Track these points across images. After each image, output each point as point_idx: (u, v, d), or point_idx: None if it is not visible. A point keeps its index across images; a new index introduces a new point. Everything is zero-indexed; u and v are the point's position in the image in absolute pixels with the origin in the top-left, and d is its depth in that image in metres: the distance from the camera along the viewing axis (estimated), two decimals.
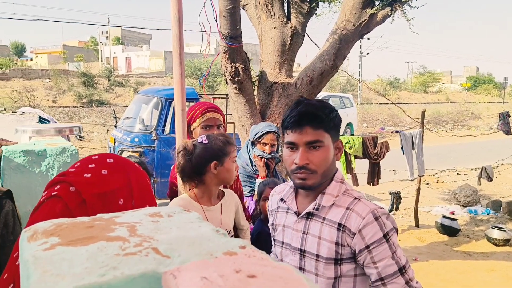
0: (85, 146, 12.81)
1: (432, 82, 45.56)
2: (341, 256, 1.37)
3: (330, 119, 1.39)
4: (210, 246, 0.62)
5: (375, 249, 1.32)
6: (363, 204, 1.38)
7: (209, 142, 1.96)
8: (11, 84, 23.65)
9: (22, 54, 52.96)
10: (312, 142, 1.37)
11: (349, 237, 1.35)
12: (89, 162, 0.99)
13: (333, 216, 1.40)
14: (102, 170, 0.97)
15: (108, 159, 1.02)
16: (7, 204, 1.60)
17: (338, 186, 1.44)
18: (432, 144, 13.10)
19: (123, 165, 1.02)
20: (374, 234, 1.32)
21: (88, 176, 0.95)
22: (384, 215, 1.36)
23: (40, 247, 0.61)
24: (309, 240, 1.43)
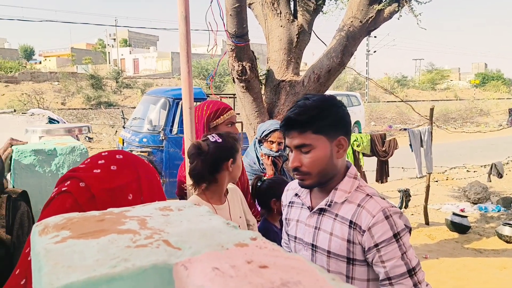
0: (94, 147, 12.89)
1: (440, 79, 45.20)
2: (353, 255, 1.36)
3: (320, 120, 1.35)
4: (221, 238, 0.62)
5: (384, 249, 1.30)
6: (374, 201, 1.36)
7: (223, 140, 1.96)
8: (21, 87, 23.87)
9: (31, 57, 53.45)
10: (299, 146, 1.38)
11: (360, 234, 1.34)
12: (99, 159, 1.00)
13: (345, 213, 1.38)
14: (112, 166, 0.98)
15: (117, 155, 1.03)
16: (22, 205, 1.62)
17: (351, 182, 1.43)
18: (441, 141, 13.01)
19: (132, 161, 1.03)
20: (383, 233, 1.30)
21: (98, 172, 0.95)
22: (396, 214, 1.33)
23: (51, 240, 0.61)
24: (321, 235, 1.43)
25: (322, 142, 1.36)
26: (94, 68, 28.45)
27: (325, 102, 1.39)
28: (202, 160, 1.91)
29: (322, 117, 1.35)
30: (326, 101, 1.40)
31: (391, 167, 6.77)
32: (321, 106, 1.37)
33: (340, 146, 1.40)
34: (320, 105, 1.37)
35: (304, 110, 1.36)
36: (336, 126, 1.39)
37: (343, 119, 1.41)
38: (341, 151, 1.41)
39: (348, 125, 1.44)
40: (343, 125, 1.41)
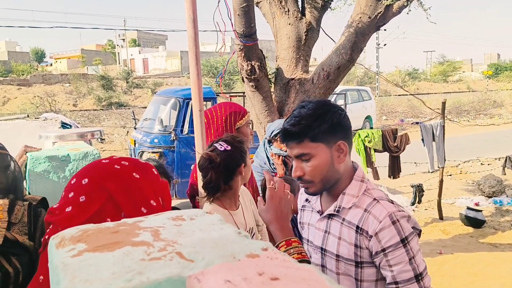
0: (106, 148, 13.02)
1: (452, 71, 44.65)
2: (361, 259, 1.36)
3: (316, 128, 1.35)
4: (233, 248, 0.63)
5: (391, 253, 1.29)
6: (381, 206, 1.35)
7: (232, 147, 1.94)
8: (33, 90, 24.20)
9: (42, 59, 54.08)
10: (299, 155, 1.38)
11: (367, 239, 1.33)
12: (70, 191, 0.97)
13: (352, 217, 1.38)
14: (80, 197, 0.94)
15: (83, 180, 0.97)
16: (42, 212, 1.65)
17: (359, 186, 1.42)
18: (454, 135, 12.87)
19: (99, 180, 0.97)
20: (390, 238, 1.29)
21: (69, 211, 0.93)
22: (404, 218, 1.32)
23: (68, 253, 0.62)
24: (330, 239, 1.44)
25: (321, 150, 1.36)
26: (104, 69, 28.74)
27: (320, 109, 1.37)
28: (216, 172, 1.89)
29: (317, 124, 1.35)
30: (320, 108, 1.38)
31: (403, 162, 6.72)
32: (316, 114, 1.36)
33: (340, 150, 1.39)
34: (315, 113, 1.36)
35: (298, 120, 1.36)
36: (334, 132, 1.37)
37: (340, 124, 1.39)
38: (341, 155, 1.40)
39: (347, 128, 1.42)
40: (341, 130, 1.39)
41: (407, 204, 6.99)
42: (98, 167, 1.01)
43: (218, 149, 1.93)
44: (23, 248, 1.56)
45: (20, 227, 1.58)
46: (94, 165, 1.03)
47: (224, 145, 1.94)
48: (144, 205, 0.98)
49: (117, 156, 1.06)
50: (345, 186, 1.43)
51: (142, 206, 0.97)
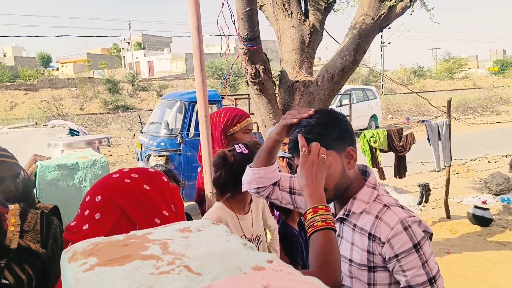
0: (113, 152, 13.10)
1: (457, 68, 44.39)
2: (373, 264, 1.38)
3: (327, 135, 1.36)
4: (239, 260, 0.65)
5: (404, 259, 1.30)
6: (392, 212, 1.36)
7: (249, 151, 1.95)
8: (40, 95, 24.40)
9: (48, 64, 54.47)
10: None
11: (379, 246, 1.35)
12: (85, 208, 1.00)
13: (363, 223, 1.40)
14: (96, 214, 0.97)
15: (96, 198, 1.00)
16: (54, 220, 1.69)
17: (370, 192, 1.43)
18: (460, 132, 12.81)
19: (111, 196, 1.00)
20: (403, 244, 1.30)
21: (86, 228, 0.96)
22: (415, 223, 1.33)
23: (80, 268, 0.65)
24: (343, 244, 1.45)
25: (333, 157, 1.36)
26: (110, 72, 28.94)
27: (328, 118, 1.39)
28: (227, 171, 1.91)
29: (328, 132, 1.36)
30: (328, 116, 1.40)
31: (409, 161, 6.71)
32: (326, 122, 1.38)
33: (350, 156, 1.41)
34: (324, 121, 1.38)
35: (309, 129, 1.37)
36: (343, 139, 1.39)
37: (348, 130, 1.42)
38: (351, 161, 1.41)
39: (353, 135, 1.45)
40: (348, 136, 1.41)
41: (414, 204, 6.97)
42: (109, 183, 1.03)
43: (235, 150, 1.96)
44: (36, 256, 1.59)
45: (33, 235, 1.62)
46: (105, 180, 1.05)
47: (242, 147, 1.96)
48: (157, 215, 1.00)
49: (127, 168, 1.08)
50: (355, 190, 1.44)
51: (156, 217, 0.99)
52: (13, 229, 1.09)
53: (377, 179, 1.50)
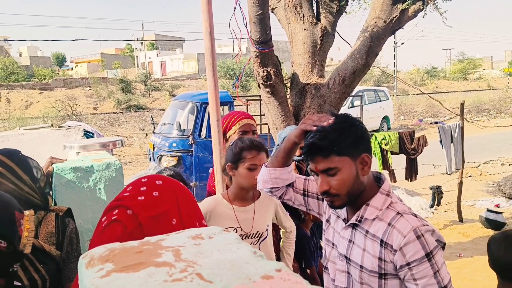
0: (126, 152, 13.23)
1: (472, 69, 43.85)
2: (384, 271, 1.38)
3: (342, 141, 1.37)
4: (248, 269, 0.68)
5: (416, 267, 1.30)
6: (405, 220, 1.36)
7: (233, 144, 2.04)
8: (54, 94, 24.72)
9: (63, 64, 55.13)
10: (325, 170, 1.39)
11: (391, 253, 1.35)
12: (140, 185, 1.04)
13: (376, 230, 1.40)
14: (154, 192, 1.02)
15: (157, 181, 1.06)
16: (70, 223, 1.73)
17: (383, 199, 1.43)
18: (473, 134, 12.66)
19: (171, 185, 1.06)
20: (415, 252, 1.30)
21: (142, 199, 1.00)
22: (428, 232, 1.33)
23: (98, 274, 0.68)
24: (354, 250, 1.46)
25: (347, 163, 1.38)
26: (123, 72, 29.17)
27: (344, 124, 1.40)
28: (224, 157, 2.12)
29: (343, 138, 1.37)
30: (344, 122, 1.41)
31: (421, 164, 6.67)
32: (341, 128, 1.38)
33: (364, 163, 1.41)
34: (339, 127, 1.38)
35: (325, 135, 1.37)
36: (358, 145, 1.40)
37: (363, 137, 1.42)
38: (365, 168, 1.42)
39: (368, 141, 1.46)
40: (364, 142, 1.42)
41: (426, 207, 6.93)
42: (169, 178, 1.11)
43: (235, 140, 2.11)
44: (50, 257, 1.63)
45: (48, 237, 1.66)
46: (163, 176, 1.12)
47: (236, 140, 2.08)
48: (199, 221, 1.06)
49: None
50: (369, 196, 1.44)
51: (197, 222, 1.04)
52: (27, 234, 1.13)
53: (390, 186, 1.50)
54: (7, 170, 1.59)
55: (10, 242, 1.05)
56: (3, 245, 1.03)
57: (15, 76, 29.60)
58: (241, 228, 2.03)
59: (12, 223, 1.07)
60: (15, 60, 34.62)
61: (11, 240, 1.06)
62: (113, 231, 0.95)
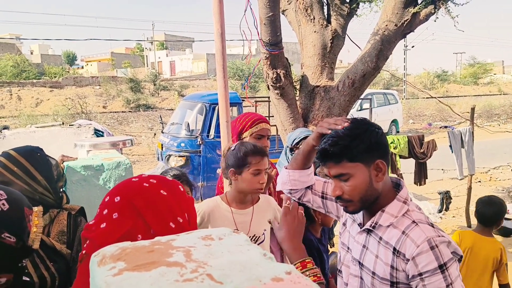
0: (134, 151, 13.30)
1: (482, 73, 43.42)
2: (396, 279, 1.36)
3: (354, 148, 1.34)
4: (258, 271, 0.68)
5: (428, 279, 1.27)
6: (419, 230, 1.32)
7: (234, 149, 2.04)
8: (64, 92, 24.92)
9: (73, 62, 55.55)
10: (337, 175, 1.38)
11: (404, 262, 1.32)
12: (103, 208, 1.03)
13: (389, 238, 1.38)
14: (113, 214, 1.00)
15: (115, 198, 1.03)
16: (82, 221, 1.74)
17: (400, 206, 1.40)
18: (483, 139, 12.55)
19: (129, 197, 1.03)
20: (428, 263, 1.27)
21: (104, 227, 0.99)
22: (443, 244, 1.29)
23: (110, 272, 0.69)
24: (367, 255, 1.44)
25: (359, 169, 1.36)
26: (133, 71, 29.31)
27: (357, 129, 1.37)
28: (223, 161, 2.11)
29: (355, 145, 1.35)
30: (358, 127, 1.38)
31: (430, 168, 6.62)
32: (353, 134, 1.36)
33: (379, 169, 1.38)
34: (352, 133, 1.36)
35: (336, 140, 1.36)
36: (372, 151, 1.37)
37: (378, 142, 1.38)
38: (380, 174, 1.39)
39: (385, 147, 1.41)
40: (378, 148, 1.38)
41: (434, 211, 6.88)
42: (128, 186, 1.07)
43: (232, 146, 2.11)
44: (61, 256, 1.65)
45: (60, 236, 1.67)
46: (125, 183, 1.09)
47: (234, 145, 2.08)
48: (172, 220, 1.03)
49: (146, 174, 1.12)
50: (385, 203, 1.41)
51: (170, 222, 1.02)
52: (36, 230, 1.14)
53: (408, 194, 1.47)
54: (21, 171, 1.60)
55: (19, 237, 1.07)
56: (12, 241, 1.05)
57: (26, 74, 29.87)
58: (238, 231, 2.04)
59: (22, 219, 1.09)
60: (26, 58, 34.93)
61: (20, 236, 1.07)
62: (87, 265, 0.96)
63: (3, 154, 1.63)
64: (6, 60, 29.33)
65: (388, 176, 1.45)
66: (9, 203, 1.06)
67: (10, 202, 1.07)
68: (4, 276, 1.06)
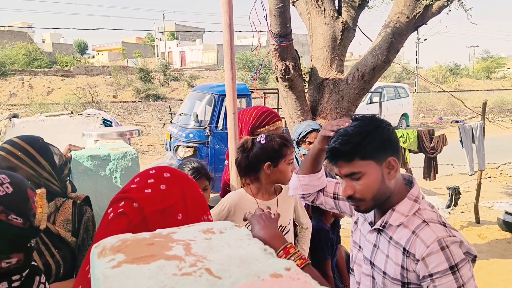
0: (143, 141, 13.37)
1: (495, 67, 42.77)
2: (407, 280, 1.33)
3: (365, 145, 1.32)
4: (258, 266, 0.67)
5: (439, 280, 1.24)
6: (430, 230, 1.29)
7: (266, 142, 2.02)
8: (76, 81, 25.09)
9: (84, 52, 55.76)
10: (349, 174, 1.36)
11: (414, 263, 1.30)
12: (148, 177, 1.04)
13: (399, 238, 1.35)
14: (161, 185, 1.02)
15: (165, 174, 1.06)
16: (87, 210, 1.77)
17: (410, 205, 1.37)
18: (495, 135, 12.39)
19: (178, 178, 1.06)
20: (438, 264, 1.24)
21: (149, 192, 1.00)
22: (455, 244, 1.25)
23: (109, 264, 0.69)
24: (378, 255, 1.43)
25: (371, 167, 1.33)
26: (143, 61, 29.35)
27: (368, 126, 1.34)
28: (244, 157, 2.04)
29: (366, 142, 1.32)
30: (368, 125, 1.35)
31: (440, 163, 6.57)
32: (364, 131, 1.33)
33: (391, 167, 1.36)
34: (363, 130, 1.33)
35: (347, 139, 1.33)
36: (383, 148, 1.34)
37: (389, 139, 1.36)
38: (392, 172, 1.36)
39: (396, 144, 1.39)
40: (390, 146, 1.36)
41: (443, 207, 6.84)
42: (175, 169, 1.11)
43: (257, 139, 2.05)
44: (66, 243, 1.67)
45: (65, 224, 1.69)
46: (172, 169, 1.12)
47: (262, 138, 2.04)
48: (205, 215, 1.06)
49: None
50: (396, 201, 1.39)
51: (204, 215, 1.05)
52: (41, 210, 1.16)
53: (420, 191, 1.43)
54: (26, 156, 1.63)
55: (26, 218, 1.09)
56: (19, 222, 1.07)
57: (38, 62, 30.10)
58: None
59: (26, 200, 1.11)
60: (38, 47, 35.18)
61: (27, 216, 1.09)
62: (118, 224, 0.96)
63: (7, 141, 1.66)
64: (18, 49, 29.56)
65: (400, 173, 1.42)
66: (12, 186, 1.08)
67: (13, 185, 1.09)
68: (14, 256, 1.09)
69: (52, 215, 1.69)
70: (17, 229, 1.07)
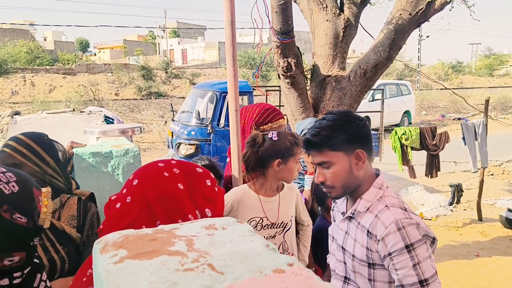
0: (145, 138, 13.38)
1: (498, 65, 42.61)
2: (372, 260, 1.46)
3: (334, 138, 1.46)
4: (260, 262, 0.67)
5: (396, 258, 1.36)
6: (389, 213, 1.43)
7: (278, 139, 2.03)
8: (77, 79, 25.08)
9: (86, 49, 55.78)
10: (320, 163, 1.51)
11: (375, 243, 1.42)
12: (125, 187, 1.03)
13: (365, 222, 1.48)
14: (127, 197, 1.00)
15: (134, 181, 1.02)
16: (92, 207, 1.77)
17: (375, 192, 1.51)
18: (497, 132, 12.36)
19: (143, 185, 1.01)
20: (395, 243, 1.36)
21: (118, 207, 1.00)
22: (412, 226, 1.37)
23: (111, 260, 0.69)
24: (348, 240, 1.55)
25: (340, 158, 1.48)
26: (145, 59, 29.33)
27: (339, 121, 1.49)
28: (254, 151, 2.05)
29: (336, 135, 1.47)
30: (340, 119, 1.49)
31: (442, 160, 6.55)
32: (335, 125, 1.48)
33: (359, 158, 1.49)
34: (334, 124, 1.48)
35: (319, 131, 1.49)
36: (352, 141, 1.48)
37: (359, 133, 1.49)
38: (360, 163, 1.50)
39: (366, 137, 1.52)
40: (359, 139, 1.49)
41: (445, 204, 6.83)
42: (148, 172, 1.05)
43: (268, 135, 2.06)
44: (71, 240, 1.67)
45: (70, 220, 1.70)
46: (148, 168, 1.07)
47: (274, 134, 2.05)
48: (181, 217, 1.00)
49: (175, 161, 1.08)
50: (364, 190, 1.52)
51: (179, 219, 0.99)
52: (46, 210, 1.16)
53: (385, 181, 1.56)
54: (31, 153, 1.63)
55: (30, 217, 1.09)
56: (23, 221, 1.07)
57: (39, 60, 30.11)
58: (267, 218, 2.08)
59: (32, 199, 1.11)
60: (40, 44, 35.19)
61: (31, 216, 1.09)
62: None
63: (12, 138, 1.66)
64: (20, 46, 29.56)
65: (371, 165, 1.56)
66: (18, 184, 1.08)
67: (19, 183, 1.09)
68: (17, 254, 1.09)
69: (57, 211, 1.69)
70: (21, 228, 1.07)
